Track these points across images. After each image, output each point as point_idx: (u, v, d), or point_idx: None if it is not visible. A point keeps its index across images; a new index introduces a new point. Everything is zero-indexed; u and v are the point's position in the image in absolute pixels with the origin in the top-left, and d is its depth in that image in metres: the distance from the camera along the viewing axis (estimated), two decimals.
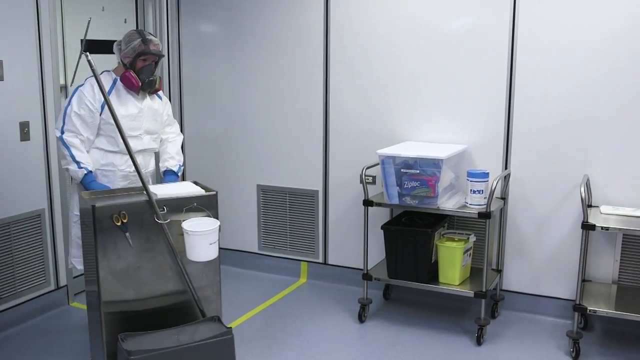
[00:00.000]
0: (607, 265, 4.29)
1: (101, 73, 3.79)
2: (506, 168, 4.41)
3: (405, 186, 4.10)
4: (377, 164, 4.25)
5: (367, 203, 4.31)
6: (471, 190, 4.08)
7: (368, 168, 4.38)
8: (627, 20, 4.00)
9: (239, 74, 5.25)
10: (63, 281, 4.65)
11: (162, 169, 4.10)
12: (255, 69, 5.17)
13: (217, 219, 3.39)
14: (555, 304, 4.43)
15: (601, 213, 4.04)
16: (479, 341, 4.09)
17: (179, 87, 5.50)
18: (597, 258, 4.30)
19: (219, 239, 3.31)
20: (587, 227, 3.80)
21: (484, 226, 4.07)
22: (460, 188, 4.41)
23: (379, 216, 4.67)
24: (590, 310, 3.89)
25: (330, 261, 5.15)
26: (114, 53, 3.92)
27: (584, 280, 4.16)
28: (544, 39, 4.21)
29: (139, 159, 3.84)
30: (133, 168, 3.73)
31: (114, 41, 3.92)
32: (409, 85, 4.63)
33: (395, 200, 4.17)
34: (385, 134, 4.70)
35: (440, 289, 4.24)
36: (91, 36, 5.13)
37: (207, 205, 3.41)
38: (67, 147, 3.74)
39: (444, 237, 4.34)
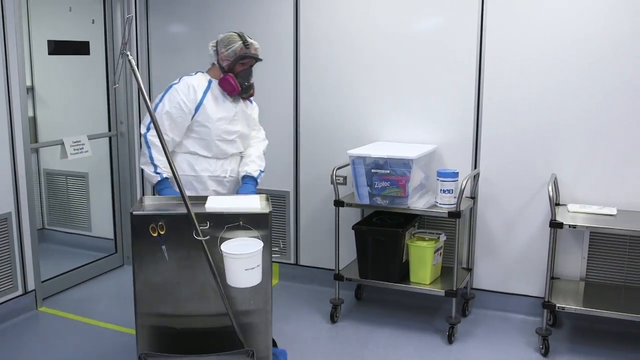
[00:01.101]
0: (575, 262, 4.35)
1: (195, 73, 3.71)
2: (475, 167, 4.45)
3: (376, 186, 4.12)
4: (348, 165, 4.25)
5: (338, 203, 4.31)
6: (441, 189, 4.11)
7: (339, 168, 4.38)
8: (592, 25, 4.07)
9: None
10: (31, 286, 4.57)
11: (241, 174, 3.81)
12: None
13: (271, 241, 3.09)
14: (524, 302, 4.48)
15: (569, 211, 4.10)
16: (450, 339, 4.12)
17: (149, 88, 5.45)
18: (565, 256, 4.35)
19: (261, 265, 2.98)
20: (555, 225, 3.85)
21: (454, 225, 4.10)
22: (430, 188, 4.44)
23: (350, 216, 4.68)
24: (559, 307, 3.94)
25: (302, 262, 5.15)
26: (82, 54, 3.81)
27: (552, 278, 4.21)
28: (512, 40, 4.25)
29: (232, 164, 3.78)
30: (227, 173, 3.74)
31: (82, 42, 3.81)
32: (379, 86, 4.65)
33: (366, 201, 4.18)
34: (355, 135, 4.71)
35: (412, 289, 4.26)
36: (57, 37, 5.11)
37: (255, 224, 3.05)
38: (149, 147, 3.55)
39: (414, 237, 4.36)
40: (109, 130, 5.41)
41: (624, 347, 4.07)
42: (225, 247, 2.94)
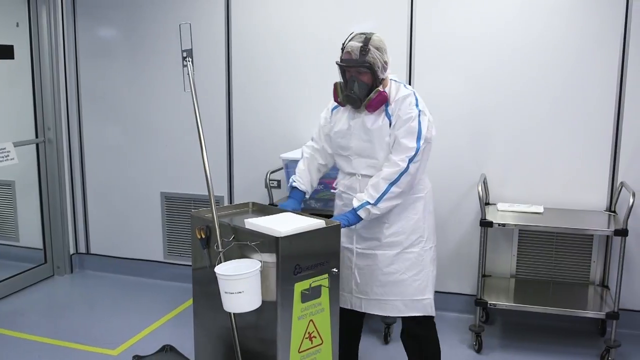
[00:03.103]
0: (505, 260, 4.46)
1: None
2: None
3: None
4: (282, 168, 4.25)
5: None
6: None
7: (272, 172, 4.37)
8: (514, 32, 4.21)
9: (140, 79, 5.14)
10: None
11: None
12: (156, 74, 5.07)
13: (277, 266, 2.70)
14: (457, 300, 4.56)
15: (498, 210, 4.20)
16: (385, 339, 4.16)
17: (77, 93, 5.32)
18: (495, 254, 4.46)
19: (250, 290, 2.67)
20: (485, 224, 3.94)
21: None
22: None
23: None
24: (490, 304, 4.03)
25: None
26: (6, 58, 3.60)
27: (484, 276, 4.30)
28: (440, 44, 4.34)
29: (349, 182, 3.22)
30: (353, 193, 3.14)
31: (6, 46, 3.61)
32: (313, 89, 4.66)
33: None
34: (289, 138, 4.70)
35: None
36: None
37: (262, 247, 2.74)
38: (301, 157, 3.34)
39: None
40: (36, 136, 5.26)
41: (553, 340, 4.20)
42: (220, 267, 2.77)
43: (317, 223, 2.89)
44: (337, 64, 3.06)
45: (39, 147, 5.29)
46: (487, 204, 4.32)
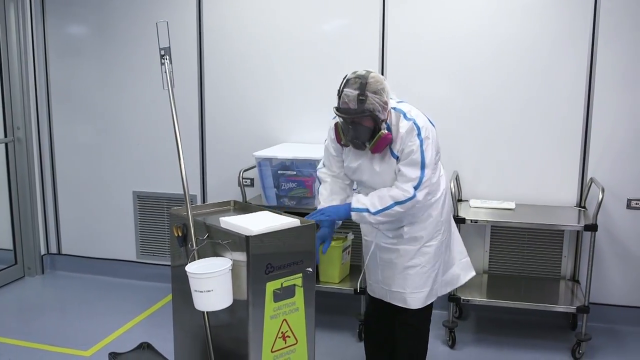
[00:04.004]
0: (478, 256, 4.50)
1: None
2: None
3: (283, 187, 4.12)
4: (255, 167, 4.24)
5: None
6: None
7: (245, 170, 4.36)
8: (491, 28, 4.23)
9: (112, 78, 5.09)
10: None
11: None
12: (128, 73, 5.03)
13: (248, 265, 2.69)
14: None
15: (471, 207, 4.23)
16: (360, 337, 4.17)
17: (47, 92, 5.25)
18: (468, 250, 4.44)
19: (220, 289, 2.67)
20: (458, 220, 3.95)
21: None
22: None
23: None
24: (464, 300, 4.07)
25: None
26: None
27: None
28: (412, 42, 4.36)
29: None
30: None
31: None
32: (284, 87, 4.66)
33: (274, 202, 4.17)
34: (262, 136, 4.69)
35: (321, 287, 4.28)
36: None
37: (233, 246, 2.74)
38: (320, 182, 3.31)
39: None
40: (5, 136, 5.18)
41: (525, 334, 4.25)
42: (191, 265, 2.76)
43: (291, 222, 2.88)
44: (335, 112, 2.97)
45: (7, 146, 5.21)
46: (460, 200, 4.35)
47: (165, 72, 3.00)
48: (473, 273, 3.50)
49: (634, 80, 4.11)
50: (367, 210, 3.02)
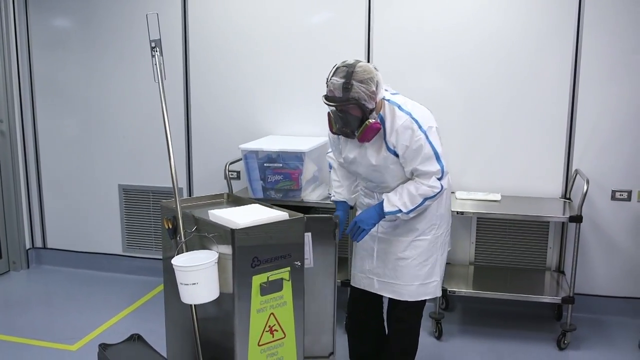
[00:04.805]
0: (464, 247, 4.52)
1: None
2: None
3: (269, 180, 4.11)
4: (241, 159, 4.23)
5: None
6: None
7: (231, 163, 4.35)
8: (477, 20, 4.24)
9: (96, 71, 5.05)
10: None
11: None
12: (113, 65, 4.99)
13: (234, 258, 2.68)
14: None
15: (457, 198, 4.25)
16: (346, 328, 4.17)
17: (30, 85, 5.20)
18: (455, 241, 4.50)
19: (205, 282, 2.68)
20: None
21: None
22: (323, 180, 4.47)
23: None
24: (450, 292, 4.08)
25: None
26: None
27: None
28: (399, 35, 4.37)
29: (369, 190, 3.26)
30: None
31: None
32: (270, 80, 4.64)
33: (260, 195, 4.17)
34: (248, 129, 4.68)
35: None
36: None
37: (218, 238, 2.74)
38: (330, 168, 3.39)
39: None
40: None
41: (511, 325, 4.28)
42: (177, 258, 2.76)
43: (279, 215, 2.88)
44: (323, 100, 2.97)
45: None
46: None
47: (156, 64, 2.96)
48: (428, 297, 3.38)
49: (618, 72, 4.13)
50: (400, 211, 3.02)
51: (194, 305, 2.86)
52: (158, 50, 2.98)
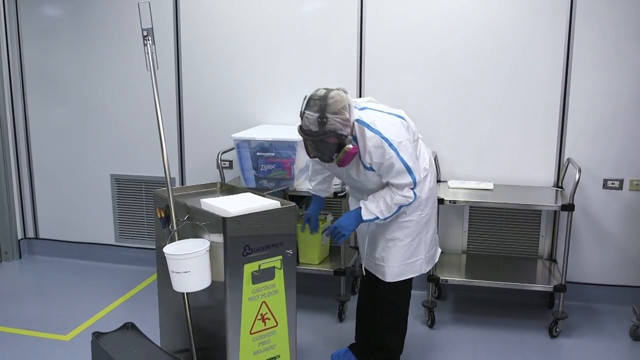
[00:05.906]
0: (456, 236, 4.53)
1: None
2: None
3: (262, 169, 4.11)
4: (233, 149, 4.22)
5: None
6: None
7: (224, 153, 4.34)
8: (470, 11, 4.23)
9: (88, 59, 5.01)
10: None
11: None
12: (105, 54, 4.96)
13: (225, 246, 2.72)
14: None
15: (449, 187, 4.25)
16: (340, 317, 4.19)
17: (21, 74, 5.17)
18: (447, 230, 4.52)
19: (197, 270, 2.71)
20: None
21: (340, 206, 4.15)
22: None
23: None
24: (442, 280, 4.09)
25: None
26: None
27: None
28: (391, 25, 4.36)
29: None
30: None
31: None
32: (262, 68, 4.63)
33: (252, 184, 4.16)
34: (240, 118, 4.67)
35: (301, 269, 4.28)
36: None
37: (210, 226, 2.78)
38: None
39: (302, 218, 4.37)
40: None
41: (503, 313, 4.29)
42: (169, 247, 2.79)
43: (271, 204, 2.88)
44: (299, 132, 3.01)
45: None
46: (439, 181, 4.36)
47: (148, 53, 2.96)
48: (440, 250, 3.61)
49: (610, 61, 4.13)
50: (377, 218, 3.12)
51: (186, 293, 2.87)
52: (150, 39, 2.96)
